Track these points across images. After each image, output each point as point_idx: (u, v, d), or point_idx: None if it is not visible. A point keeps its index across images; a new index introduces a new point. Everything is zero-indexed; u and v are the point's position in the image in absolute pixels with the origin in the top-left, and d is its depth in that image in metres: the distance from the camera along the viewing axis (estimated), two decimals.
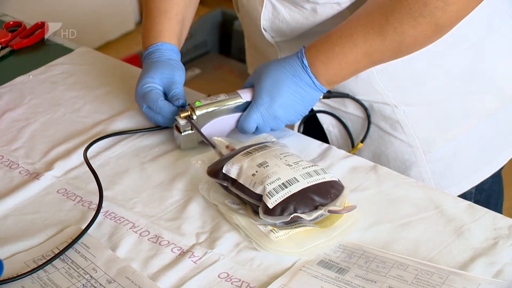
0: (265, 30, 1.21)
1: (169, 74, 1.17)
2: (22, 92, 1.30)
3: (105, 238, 1.00)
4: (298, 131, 1.29)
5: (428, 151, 1.22)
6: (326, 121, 1.26)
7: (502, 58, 1.21)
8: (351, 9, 1.14)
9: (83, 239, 0.98)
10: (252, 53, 1.36)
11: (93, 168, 1.08)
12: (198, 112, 1.12)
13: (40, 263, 0.94)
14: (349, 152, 1.19)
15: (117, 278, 0.93)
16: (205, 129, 1.13)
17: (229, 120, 1.14)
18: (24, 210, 1.06)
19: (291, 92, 1.11)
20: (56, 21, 1.53)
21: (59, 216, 1.04)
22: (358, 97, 1.21)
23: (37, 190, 1.08)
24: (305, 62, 1.09)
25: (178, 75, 1.18)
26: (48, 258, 0.95)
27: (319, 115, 1.26)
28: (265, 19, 1.20)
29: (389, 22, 1.05)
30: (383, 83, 1.18)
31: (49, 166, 1.13)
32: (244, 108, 1.14)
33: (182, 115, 1.12)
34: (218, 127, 1.14)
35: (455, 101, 1.20)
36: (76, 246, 0.97)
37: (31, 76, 1.35)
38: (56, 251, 0.96)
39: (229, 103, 1.14)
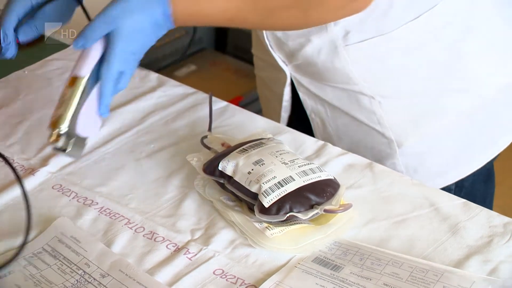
0: None
1: None
2: (17, 87, 1.30)
3: (100, 234, 1.00)
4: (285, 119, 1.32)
5: (402, 144, 1.22)
6: (308, 107, 1.27)
7: (480, 58, 1.20)
8: None
9: (74, 233, 0.98)
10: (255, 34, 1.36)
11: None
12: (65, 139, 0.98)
13: (32, 261, 0.94)
14: None
15: (111, 271, 0.92)
16: (80, 128, 0.98)
17: (91, 105, 0.99)
18: (19, 206, 1.05)
19: (142, 20, 0.97)
20: None
21: (54, 211, 1.04)
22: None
23: (32, 186, 1.08)
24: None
25: None
26: (40, 252, 0.95)
27: (302, 100, 1.27)
28: None
29: None
30: (359, 74, 1.18)
31: (44, 162, 1.13)
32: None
33: (51, 139, 0.98)
34: (88, 118, 1.00)
35: (431, 97, 1.20)
36: (67, 241, 0.97)
37: (26, 72, 1.34)
38: (47, 248, 0.96)
39: (76, 94, 0.98)
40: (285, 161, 1.01)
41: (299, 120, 1.29)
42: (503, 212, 1.02)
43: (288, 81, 1.27)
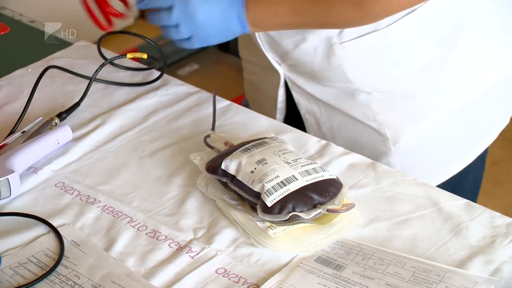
0: None
1: None
2: (21, 85, 1.30)
3: (103, 232, 1.00)
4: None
5: (397, 142, 1.22)
6: (303, 108, 1.27)
7: (473, 54, 1.20)
8: None
9: (75, 237, 0.98)
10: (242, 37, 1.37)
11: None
12: None
13: (18, 271, 0.93)
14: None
15: (103, 283, 0.91)
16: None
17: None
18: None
19: (219, 6, 1.10)
20: (55, 14, 1.52)
21: (57, 210, 1.04)
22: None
23: (35, 184, 1.08)
24: None
25: None
26: (31, 257, 0.95)
27: (296, 101, 1.27)
28: None
29: None
30: (354, 71, 1.18)
31: (47, 160, 1.12)
32: None
33: None
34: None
35: (426, 93, 1.20)
36: (54, 256, 0.96)
37: (29, 70, 1.34)
38: (41, 254, 0.96)
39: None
40: (288, 160, 1.01)
41: (294, 121, 1.29)
42: (505, 212, 1.02)
43: (282, 82, 1.27)
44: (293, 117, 1.30)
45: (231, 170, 1.02)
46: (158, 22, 1.13)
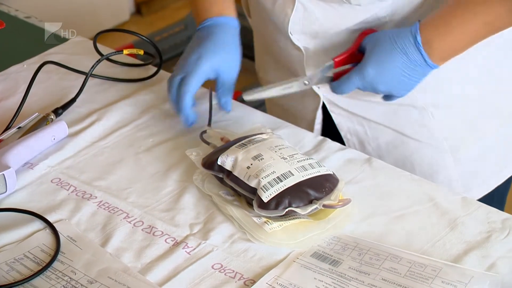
0: (291, 34, 1.19)
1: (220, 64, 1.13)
2: (17, 81, 1.30)
3: (99, 228, 1.00)
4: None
5: (457, 152, 1.20)
6: (344, 128, 1.25)
7: None
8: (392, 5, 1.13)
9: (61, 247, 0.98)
10: (266, 59, 1.32)
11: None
12: None
13: (14, 267, 0.93)
14: None
15: (99, 278, 0.91)
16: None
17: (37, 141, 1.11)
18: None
19: (397, 70, 1.07)
20: (50, 10, 1.52)
21: (53, 205, 1.04)
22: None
23: (31, 180, 1.08)
24: (419, 39, 1.06)
25: (230, 68, 1.14)
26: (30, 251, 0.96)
27: (337, 122, 1.24)
28: (295, 22, 1.17)
29: None
30: None
31: (43, 156, 1.12)
32: None
33: None
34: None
35: (485, 99, 1.19)
36: (50, 252, 0.96)
37: (25, 65, 1.34)
38: (38, 250, 0.96)
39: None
40: (284, 156, 1.01)
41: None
42: (504, 211, 1.02)
43: (321, 104, 1.24)
44: (330, 137, 1.28)
45: (228, 165, 1.02)
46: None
